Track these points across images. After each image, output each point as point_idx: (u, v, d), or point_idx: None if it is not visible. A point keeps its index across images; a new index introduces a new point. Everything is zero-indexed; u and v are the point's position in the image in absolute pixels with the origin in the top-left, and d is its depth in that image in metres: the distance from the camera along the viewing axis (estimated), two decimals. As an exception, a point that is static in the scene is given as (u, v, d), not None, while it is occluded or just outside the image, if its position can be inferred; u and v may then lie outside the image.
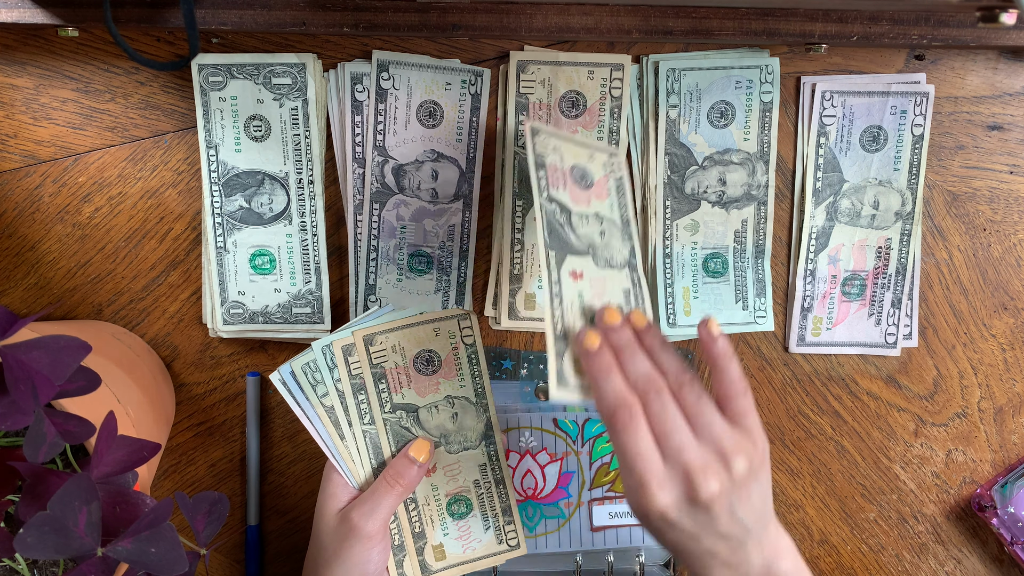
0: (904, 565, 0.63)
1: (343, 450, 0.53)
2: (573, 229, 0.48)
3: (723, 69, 0.58)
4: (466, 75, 0.57)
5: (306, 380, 0.52)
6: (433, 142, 0.58)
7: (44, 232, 0.58)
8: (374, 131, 0.57)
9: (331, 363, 0.52)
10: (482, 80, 0.57)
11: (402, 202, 0.58)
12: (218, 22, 0.53)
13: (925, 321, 0.61)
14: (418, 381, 0.54)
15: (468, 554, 0.56)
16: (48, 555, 0.37)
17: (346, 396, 0.52)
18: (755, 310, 0.60)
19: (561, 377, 0.45)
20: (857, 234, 0.60)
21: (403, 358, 0.53)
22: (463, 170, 0.58)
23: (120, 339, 0.57)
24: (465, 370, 0.54)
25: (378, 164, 0.57)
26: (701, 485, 0.42)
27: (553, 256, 0.46)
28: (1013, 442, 0.62)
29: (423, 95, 0.57)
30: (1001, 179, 0.60)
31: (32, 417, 0.38)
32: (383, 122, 0.57)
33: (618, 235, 0.51)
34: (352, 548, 0.50)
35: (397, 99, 0.57)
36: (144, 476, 0.48)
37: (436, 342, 0.54)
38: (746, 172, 0.59)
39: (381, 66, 0.56)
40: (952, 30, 0.55)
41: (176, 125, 0.58)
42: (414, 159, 0.58)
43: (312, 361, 0.52)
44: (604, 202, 0.51)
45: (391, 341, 0.53)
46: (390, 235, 0.58)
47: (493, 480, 0.56)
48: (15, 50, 0.56)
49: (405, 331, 0.53)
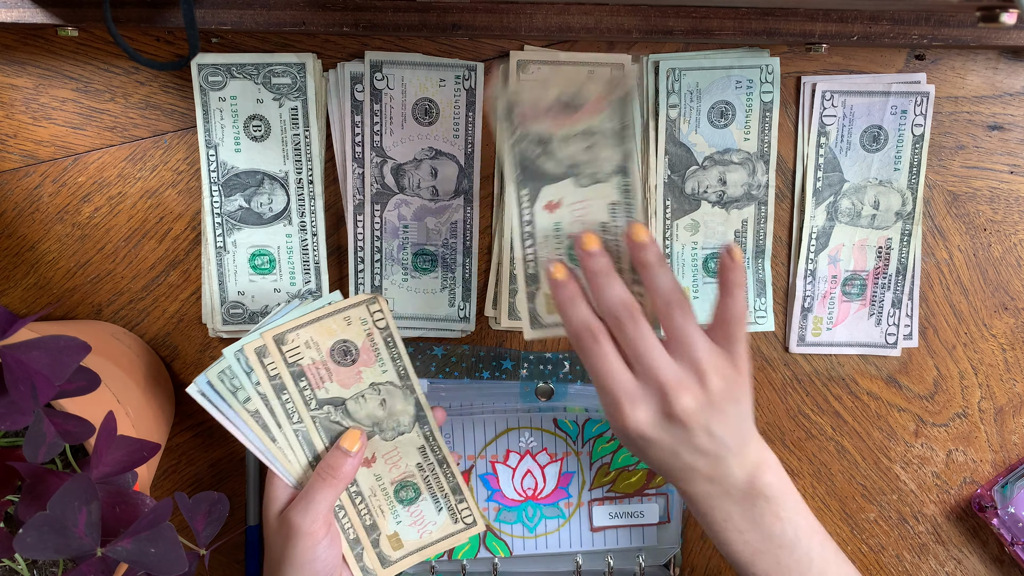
0: (904, 565, 0.63)
1: (276, 452, 0.52)
2: (551, 155, 0.47)
3: (723, 69, 0.58)
4: (460, 70, 0.57)
5: (225, 388, 0.51)
6: (430, 139, 0.58)
7: (44, 232, 0.58)
8: (371, 131, 0.57)
9: (247, 367, 0.51)
10: (476, 75, 0.57)
11: (403, 201, 0.58)
12: (218, 22, 0.53)
13: (925, 321, 0.61)
14: (339, 373, 0.52)
15: (425, 538, 0.55)
16: (48, 555, 0.37)
17: (269, 398, 0.51)
18: (755, 310, 0.60)
19: (534, 319, 0.46)
20: (857, 234, 0.60)
21: (319, 352, 0.52)
22: (462, 166, 0.58)
23: (120, 339, 0.57)
24: (384, 355, 0.53)
25: (376, 164, 0.57)
26: (675, 400, 0.43)
27: (527, 193, 0.46)
28: (1013, 442, 0.62)
29: (417, 93, 0.57)
30: (1001, 179, 0.60)
31: (32, 417, 0.38)
32: (379, 122, 0.57)
33: (610, 143, 0.49)
34: (295, 548, 0.49)
35: (392, 99, 0.57)
36: (144, 476, 0.48)
37: (349, 331, 0.52)
38: (746, 172, 0.59)
39: (374, 66, 0.56)
40: (952, 30, 0.55)
41: (176, 125, 0.58)
42: (412, 158, 0.58)
43: (228, 368, 0.51)
44: (596, 117, 0.49)
45: (303, 337, 0.51)
46: (393, 235, 0.58)
47: (435, 460, 0.55)
48: (15, 50, 0.56)
49: (315, 325, 0.52)
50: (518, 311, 0.59)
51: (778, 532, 0.46)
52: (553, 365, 0.60)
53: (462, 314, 0.59)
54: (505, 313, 0.60)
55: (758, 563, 0.46)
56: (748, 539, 0.46)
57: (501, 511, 0.61)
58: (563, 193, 0.47)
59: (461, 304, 0.60)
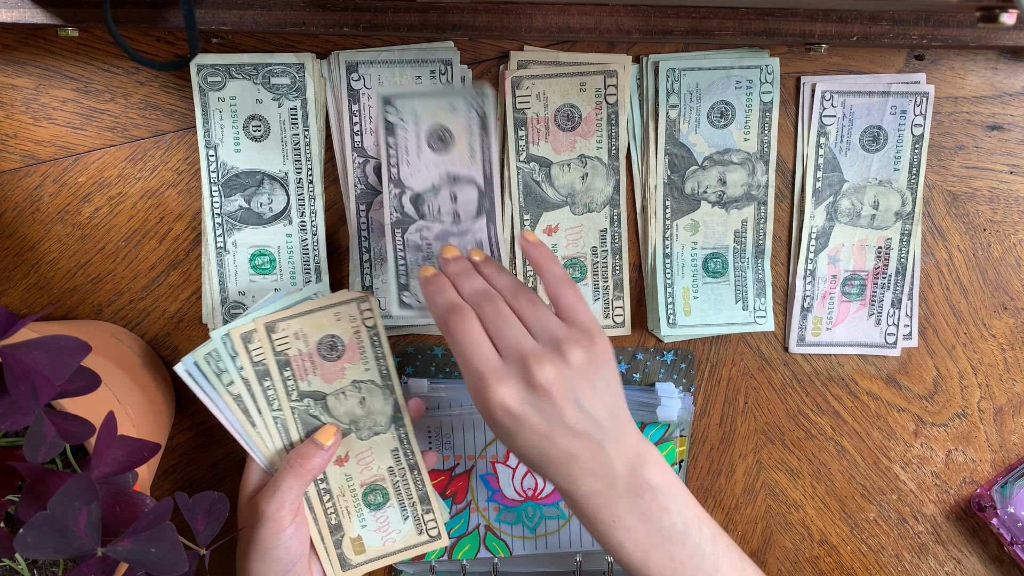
0: (904, 565, 0.63)
1: (255, 436, 0.53)
2: (552, 183, 0.51)
3: (723, 69, 0.58)
4: (435, 65, 0.56)
5: (210, 369, 0.52)
6: (446, 165, 0.57)
7: (44, 232, 0.58)
8: (350, 131, 0.57)
9: (232, 351, 0.52)
10: (451, 69, 0.56)
11: (424, 226, 0.57)
12: (218, 22, 0.53)
13: (925, 321, 0.61)
14: (323, 367, 0.53)
15: (388, 546, 0.55)
16: (48, 555, 0.37)
17: (251, 383, 0.52)
18: (755, 310, 0.60)
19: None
20: (857, 234, 0.60)
21: (306, 344, 0.53)
22: (481, 188, 0.57)
23: (120, 339, 0.57)
24: (369, 353, 0.54)
25: (396, 196, 0.56)
26: (536, 370, 0.43)
27: (528, 218, 0.50)
28: (1013, 442, 0.62)
29: (431, 120, 0.56)
30: (1001, 179, 0.60)
31: (32, 417, 0.38)
32: (358, 123, 0.57)
33: (603, 172, 0.52)
34: (260, 532, 0.50)
35: (370, 98, 0.56)
36: (144, 476, 0.48)
37: (338, 327, 0.53)
38: (746, 172, 0.59)
39: (350, 67, 0.56)
40: (952, 30, 0.55)
41: (176, 125, 0.58)
42: (430, 185, 0.57)
43: (214, 351, 0.52)
44: (590, 140, 0.53)
45: (293, 328, 0.52)
46: (415, 250, 0.58)
47: (407, 466, 0.55)
48: (15, 50, 0.56)
49: (306, 317, 0.53)
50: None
51: (667, 524, 0.45)
52: (553, 365, 0.60)
53: None
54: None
55: (651, 561, 0.45)
56: (638, 537, 0.45)
57: (501, 511, 0.61)
58: (560, 219, 0.51)
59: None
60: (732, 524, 0.63)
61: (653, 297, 0.60)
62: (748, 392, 0.62)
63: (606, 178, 0.58)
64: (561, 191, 0.58)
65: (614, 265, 0.60)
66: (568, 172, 0.58)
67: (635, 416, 0.59)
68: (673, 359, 0.61)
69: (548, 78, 0.57)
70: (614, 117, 0.58)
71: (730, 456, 0.63)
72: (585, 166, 0.58)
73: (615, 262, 0.60)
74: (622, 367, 0.61)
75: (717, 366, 0.62)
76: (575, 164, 0.58)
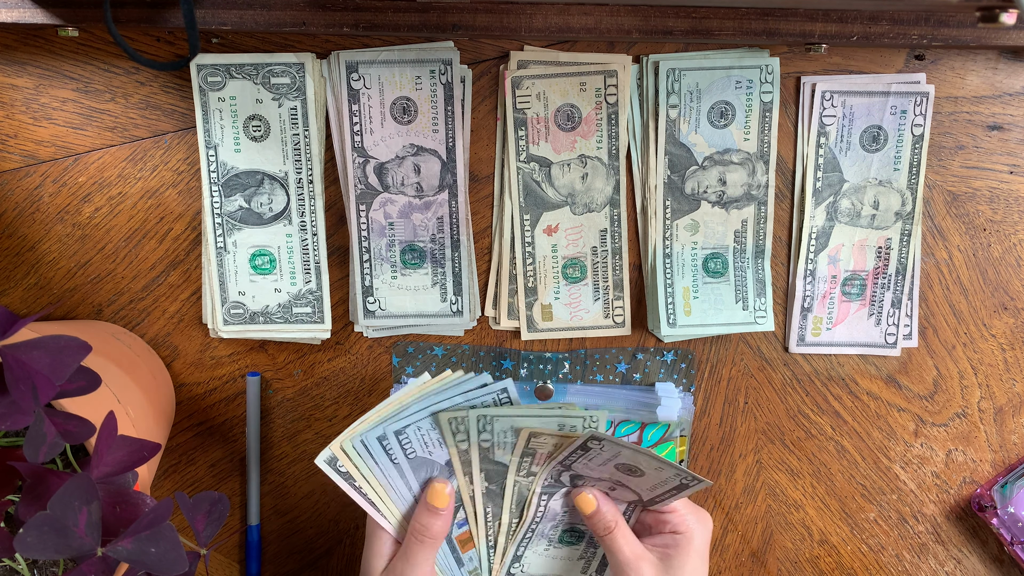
0: (904, 565, 0.63)
1: (386, 504, 0.50)
2: (552, 183, 0.50)
3: (723, 69, 0.58)
4: (435, 65, 0.57)
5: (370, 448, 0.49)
6: (410, 136, 0.57)
7: (44, 232, 0.58)
8: (350, 131, 0.57)
9: None
10: (451, 69, 0.57)
11: (388, 200, 0.58)
12: (218, 22, 0.53)
13: (925, 321, 0.61)
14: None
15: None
16: (48, 555, 0.37)
17: None
18: (755, 310, 0.60)
19: (530, 323, 0.55)
20: (857, 234, 0.60)
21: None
22: (444, 160, 0.58)
23: (120, 339, 0.57)
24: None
25: (359, 165, 0.57)
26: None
27: (528, 218, 0.49)
28: (1013, 442, 0.62)
29: (396, 91, 0.57)
30: (1001, 179, 0.60)
31: (32, 417, 0.38)
32: (359, 123, 0.57)
33: (603, 172, 0.52)
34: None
35: (370, 98, 0.57)
36: (144, 476, 0.48)
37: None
38: (746, 172, 0.59)
39: (350, 67, 0.56)
40: (952, 30, 0.55)
41: (176, 125, 0.58)
42: (394, 156, 0.57)
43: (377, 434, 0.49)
44: (591, 140, 0.52)
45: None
46: (380, 234, 0.58)
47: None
48: (15, 50, 0.56)
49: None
50: (517, 311, 0.59)
51: None
52: (553, 365, 0.60)
53: (455, 308, 0.59)
54: (505, 313, 0.60)
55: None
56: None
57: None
58: (560, 219, 0.51)
59: (453, 299, 0.59)
60: (732, 524, 0.63)
61: (653, 297, 0.60)
62: (748, 392, 0.62)
63: (606, 178, 0.58)
64: (561, 191, 0.58)
65: (614, 265, 0.60)
66: (568, 172, 0.58)
67: (635, 416, 0.59)
68: (673, 359, 0.61)
69: (548, 78, 0.57)
70: (614, 117, 0.58)
71: (730, 456, 0.63)
72: (585, 166, 0.58)
73: (615, 262, 0.60)
74: (622, 367, 0.61)
75: (717, 366, 0.62)
76: (575, 164, 0.58)
